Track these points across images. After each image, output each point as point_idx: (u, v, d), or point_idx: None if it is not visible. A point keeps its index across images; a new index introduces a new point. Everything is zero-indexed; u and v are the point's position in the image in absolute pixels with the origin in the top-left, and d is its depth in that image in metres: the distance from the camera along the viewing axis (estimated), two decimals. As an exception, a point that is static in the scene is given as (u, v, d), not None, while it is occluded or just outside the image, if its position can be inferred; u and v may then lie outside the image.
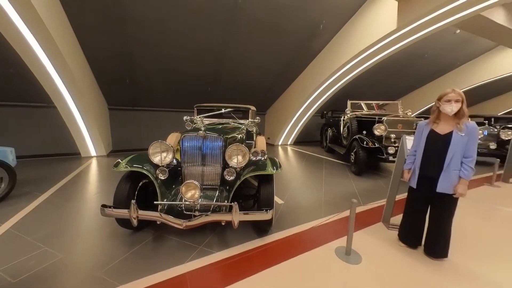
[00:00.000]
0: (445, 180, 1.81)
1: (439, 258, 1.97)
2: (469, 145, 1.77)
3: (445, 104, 1.81)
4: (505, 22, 5.42)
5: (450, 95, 1.79)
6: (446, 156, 1.80)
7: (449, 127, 1.83)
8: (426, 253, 2.03)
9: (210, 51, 5.21)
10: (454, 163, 1.79)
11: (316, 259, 1.95)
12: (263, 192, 2.13)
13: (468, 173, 1.78)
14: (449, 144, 1.79)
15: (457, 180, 1.80)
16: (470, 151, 1.78)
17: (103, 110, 5.94)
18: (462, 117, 1.78)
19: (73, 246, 2.06)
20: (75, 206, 2.88)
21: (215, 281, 1.68)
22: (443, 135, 1.84)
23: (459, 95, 1.78)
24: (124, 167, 2.09)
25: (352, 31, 5.09)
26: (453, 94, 1.78)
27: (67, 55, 3.70)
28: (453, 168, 1.79)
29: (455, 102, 1.77)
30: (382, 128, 4.57)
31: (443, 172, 1.81)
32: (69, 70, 3.84)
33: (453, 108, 1.78)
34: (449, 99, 1.79)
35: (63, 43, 3.58)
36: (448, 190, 1.81)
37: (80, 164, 4.94)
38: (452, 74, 9.19)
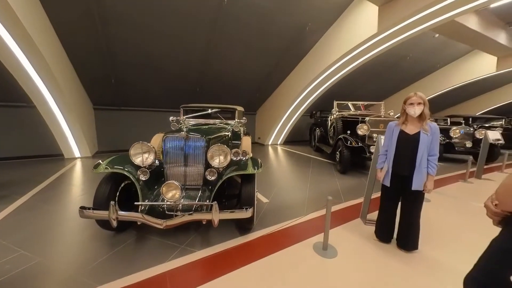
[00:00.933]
0: (418, 178, 1.93)
1: (411, 250, 2.10)
2: (433, 144, 1.92)
3: (409, 106, 1.95)
4: (478, 28, 5.76)
5: (412, 98, 1.93)
6: (417, 155, 1.93)
7: (416, 128, 1.97)
8: (399, 246, 2.15)
9: (197, 51, 5.21)
10: (424, 161, 1.93)
11: (295, 255, 2.03)
12: (244, 191, 2.18)
13: (434, 170, 1.93)
14: (418, 144, 1.92)
15: (425, 177, 1.94)
16: (435, 150, 1.92)
17: (88, 110, 5.80)
18: (424, 118, 1.92)
19: (51, 249, 2.03)
20: (55, 209, 2.83)
21: (195, 278, 1.72)
22: (412, 135, 1.97)
23: (421, 98, 1.90)
24: (104, 168, 2.08)
25: (337, 34, 5.25)
26: (415, 98, 1.92)
27: (46, 53, 3.60)
28: (423, 166, 1.93)
29: (417, 105, 1.90)
30: (365, 128, 4.74)
31: (416, 171, 1.93)
32: (48, 68, 3.73)
33: (416, 111, 1.91)
34: (412, 102, 1.93)
35: (42, 41, 3.48)
36: (421, 187, 1.94)
37: (63, 166, 4.81)
38: (433, 76, 9.63)
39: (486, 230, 2.54)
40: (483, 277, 0.98)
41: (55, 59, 3.99)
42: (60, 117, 4.69)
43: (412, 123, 1.99)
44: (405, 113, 2.00)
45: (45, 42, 3.63)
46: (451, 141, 6.26)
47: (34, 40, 3.25)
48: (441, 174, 4.88)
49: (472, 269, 1.05)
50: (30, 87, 4.04)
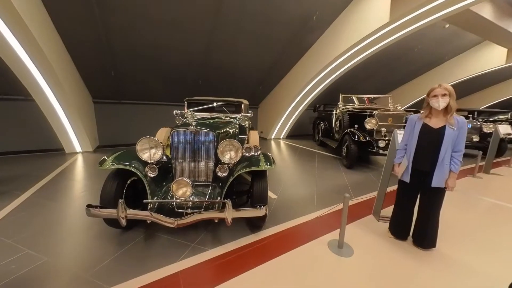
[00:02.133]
0: (439, 174, 1.84)
1: (428, 248, 2.03)
2: (459, 139, 1.81)
3: (432, 99, 1.83)
4: (492, 18, 5.54)
5: (436, 90, 1.81)
6: (440, 150, 1.81)
7: (441, 122, 1.84)
8: (415, 244, 2.09)
9: (200, 41, 5.00)
10: (447, 157, 1.82)
11: (309, 253, 1.97)
12: (256, 188, 2.10)
13: (458, 166, 1.83)
14: (442, 139, 1.81)
15: (448, 174, 1.84)
16: (460, 145, 1.81)
17: (87, 104, 5.65)
18: (450, 111, 1.80)
19: (58, 248, 1.96)
20: (59, 206, 2.75)
21: (209, 279, 1.66)
22: (437, 129, 1.85)
23: (446, 89, 1.78)
24: (110, 164, 1.99)
25: (345, 24, 5.03)
26: (439, 89, 1.79)
27: (44, 45, 3.43)
28: (446, 162, 1.82)
29: (441, 97, 1.78)
30: (373, 122, 4.63)
31: (437, 167, 1.83)
32: (47, 60, 3.57)
33: (440, 103, 1.79)
34: (435, 94, 1.81)
35: (39, 32, 3.31)
36: (441, 184, 1.85)
37: (64, 161, 4.72)
38: (440, 68, 9.41)
39: (500, 227, 2.50)
40: None
41: (53, 50, 3.81)
42: (60, 111, 4.55)
43: (437, 116, 1.87)
44: (429, 106, 1.89)
45: (43, 34, 3.45)
46: (458, 135, 6.15)
47: (32, 31, 3.08)
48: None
49: None
50: (28, 80, 3.88)
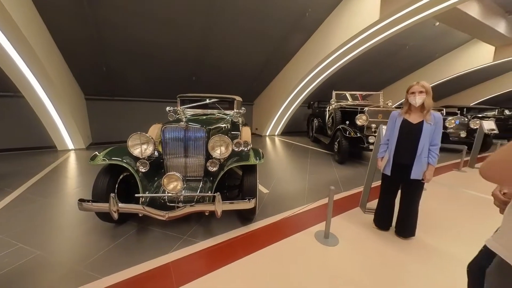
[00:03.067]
0: (417, 167, 1.95)
1: (408, 237, 2.16)
2: (435, 134, 1.92)
3: (410, 96, 1.93)
4: (479, 16, 5.68)
5: (414, 87, 1.90)
6: (418, 144, 1.93)
7: (419, 118, 1.95)
8: (397, 234, 2.21)
9: (193, 37, 4.99)
10: (425, 151, 1.93)
11: (297, 243, 2.06)
12: (246, 182, 2.17)
13: (435, 159, 1.94)
14: (421, 133, 1.91)
15: (426, 167, 1.95)
16: (436, 139, 1.92)
17: (79, 100, 5.58)
18: (426, 108, 1.90)
19: (51, 242, 2.00)
20: (52, 202, 2.77)
21: (199, 268, 1.73)
22: (415, 124, 1.96)
23: (423, 87, 1.87)
24: (101, 160, 2.02)
25: (337, 21, 5.09)
26: (416, 87, 1.88)
27: (32, 39, 3.38)
28: (424, 156, 1.94)
29: (419, 94, 1.88)
30: (363, 118, 4.73)
31: (416, 160, 1.94)
32: (36, 55, 3.53)
33: (417, 100, 1.89)
34: (413, 91, 1.90)
35: (27, 26, 3.26)
36: (419, 176, 1.97)
37: (57, 158, 4.69)
38: (431, 65, 9.60)
39: (481, 218, 2.65)
40: (487, 263, 1.00)
41: (42, 45, 3.75)
42: (51, 107, 4.50)
43: (415, 113, 1.98)
44: (408, 102, 1.98)
45: (31, 28, 3.39)
46: (446, 131, 6.35)
47: (19, 26, 3.03)
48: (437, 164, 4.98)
49: (476, 255, 1.07)
50: (16, 75, 3.83)
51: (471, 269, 1.07)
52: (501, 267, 0.77)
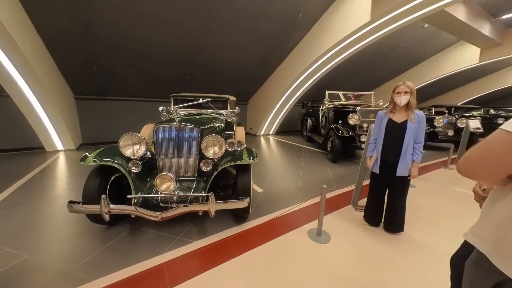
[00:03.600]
0: (402, 164, 2.02)
1: (396, 232, 2.22)
2: (419, 132, 1.99)
3: (396, 95, 2.00)
4: (465, 19, 5.88)
5: (400, 87, 1.97)
6: (403, 142, 2.00)
7: (403, 117, 2.02)
8: (386, 229, 2.27)
9: (187, 36, 4.95)
10: (409, 149, 2.00)
11: (290, 241, 2.09)
12: (240, 181, 2.18)
13: (420, 156, 2.01)
14: (405, 132, 1.99)
15: (411, 164, 2.03)
16: (420, 137, 2.00)
17: (69, 100, 5.44)
18: (411, 108, 1.97)
19: (40, 245, 1.95)
20: (41, 205, 2.69)
21: (193, 268, 1.73)
22: (400, 123, 2.03)
23: (408, 87, 1.94)
24: (92, 160, 1.98)
25: (329, 22, 5.16)
26: (402, 87, 1.95)
27: (17, 36, 3.27)
28: (408, 153, 2.01)
29: (404, 94, 1.95)
30: (355, 118, 4.82)
31: (401, 158, 2.01)
32: (21, 53, 3.42)
33: (402, 100, 1.96)
34: (399, 91, 1.97)
35: (12, 23, 3.16)
36: (405, 173, 2.04)
37: (45, 159, 4.55)
38: (421, 66, 9.87)
39: (466, 213, 2.75)
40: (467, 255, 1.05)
41: (28, 42, 3.64)
42: (38, 107, 4.37)
43: (400, 112, 2.05)
44: (393, 101, 2.04)
45: (16, 24, 3.29)
46: (435, 130, 6.55)
47: (3, 22, 2.93)
48: (425, 162, 5.13)
49: (458, 249, 1.12)
50: (1, 74, 3.69)
51: (453, 261, 1.12)
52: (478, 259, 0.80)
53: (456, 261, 1.10)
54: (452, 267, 1.12)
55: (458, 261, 1.09)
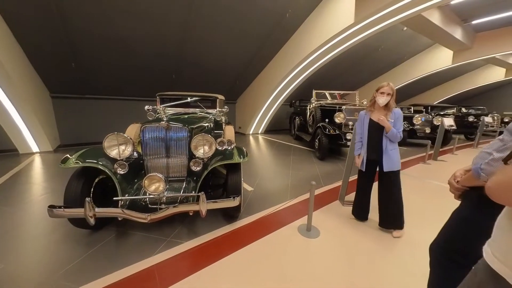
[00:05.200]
0: (387, 160, 2.10)
1: (392, 229, 2.19)
2: (397, 126, 2.07)
3: (379, 95, 2.07)
4: (439, 23, 6.29)
5: (384, 88, 2.04)
6: (382, 140, 2.09)
7: (382, 115, 2.10)
8: (381, 226, 2.25)
9: (173, 32, 4.82)
10: (390, 145, 2.10)
11: (281, 238, 2.13)
12: (230, 180, 2.18)
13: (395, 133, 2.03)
14: (383, 130, 2.07)
15: (395, 157, 2.08)
16: (397, 127, 2.07)
17: (44, 99, 5.09)
18: (390, 108, 2.07)
19: (16, 254, 1.82)
20: (15, 211, 2.50)
21: (184, 269, 1.71)
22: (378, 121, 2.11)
23: (391, 89, 2.03)
24: (74, 162, 1.88)
25: (315, 23, 5.28)
26: (387, 88, 2.03)
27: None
28: (390, 149, 2.09)
29: (386, 95, 2.03)
30: (341, 116, 4.99)
31: (384, 155, 2.09)
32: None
33: (383, 100, 2.05)
34: (382, 92, 2.05)
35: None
36: (392, 167, 2.09)
37: (18, 162, 4.23)
38: (401, 67, 10.41)
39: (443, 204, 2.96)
40: (445, 243, 1.15)
41: (-4, 36, 3.35)
42: (9, 106, 4.04)
43: (379, 111, 2.13)
44: (374, 100, 2.13)
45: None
46: (414, 128, 6.96)
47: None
48: (405, 158, 5.44)
49: (436, 237, 1.22)
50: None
51: (431, 249, 1.22)
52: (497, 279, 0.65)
53: (434, 248, 1.19)
54: (431, 254, 1.22)
55: (436, 249, 1.18)
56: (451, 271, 1.10)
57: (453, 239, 1.11)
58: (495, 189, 0.62)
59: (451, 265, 1.10)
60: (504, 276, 0.62)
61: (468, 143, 8.23)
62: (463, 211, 1.08)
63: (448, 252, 1.11)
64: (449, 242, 1.13)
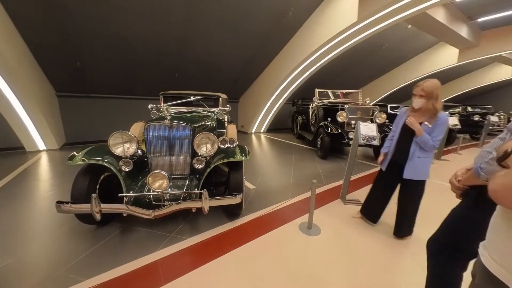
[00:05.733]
0: (410, 167, 1.88)
1: (404, 237, 2.12)
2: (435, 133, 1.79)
3: (413, 97, 1.85)
4: (444, 21, 6.20)
5: (415, 89, 1.81)
6: (411, 145, 1.86)
7: (419, 119, 1.85)
8: (395, 235, 2.15)
9: (176, 31, 4.85)
10: (417, 152, 1.85)
11: (282, 235, 2.16)
12: (232, 178, 2.21)
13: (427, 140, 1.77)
14: (414, 134, 1.83)
15: (420, 166, 1.86)
16: (434, 134, 1.79)
17: (50, 97, 5.18)
18: (428, 112, 1.79)
19: (25, 249, 1.89)
20: (23, 206, 2.58)
21: (187, 264, 1.75)
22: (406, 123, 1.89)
23: (423, 90, 1.76)
24: (80, 160, 1.93)
25: (318, 21, 5.25)
26: (417, 89, 1.80)
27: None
28: (417, 156, 1.85)
29: (418, 97, 1.79)
30: (344, 115, 4.98)
31: (409, 160, 1.88)
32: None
33: (417, 103, 1.81)
34: (414, 93, 1.83)
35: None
36: (413, 176, 1.89)
37: (26, 160, 4.33)
38: (405, 65, 10.28)
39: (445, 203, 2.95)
40: (442, 237, 1.16)
41: (4, 36, 3.43)
42: (17, 105, 4.13)
43: (418, 113, 1.88)
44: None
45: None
46: (417, 127, 6.89)
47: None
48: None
49: (434, 233, 1.23)
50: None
51: (428, 245, 1.23)
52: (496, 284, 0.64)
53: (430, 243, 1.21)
54: (428, 249, 1.24)
55: (432, 243, 1.20)
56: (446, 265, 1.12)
57: (449, 234, 1.12)
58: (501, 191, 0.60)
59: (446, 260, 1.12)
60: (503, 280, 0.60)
61: (473, 142, 8.13)
62: (461, 209, 1.10)
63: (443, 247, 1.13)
64: (445, 237, 1.14)
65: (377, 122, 4.91)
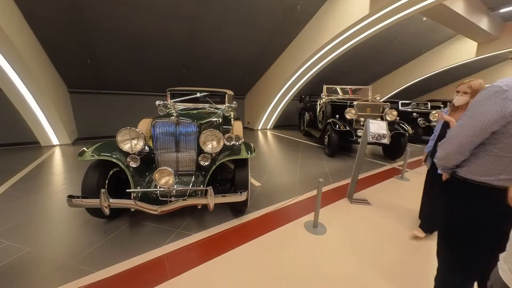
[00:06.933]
0: None
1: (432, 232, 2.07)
2: None
3: (455, 94, 1.77)
4: (464, 12, 5.85)
5: (460, 86, 1.73)
6: None
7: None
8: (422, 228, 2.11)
9: (183, 29, 4.84)
10: None
11: (287, 233, 2.15)
12: (238, 175, 2.21)
13: None
14: None
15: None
16: None
17: (62, 93, 5.34)
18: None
19: (40, 239, 1.97)
20: (39, 199, 2.70)
21: (192, 259, 1.78)
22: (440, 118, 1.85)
23: (469, 87, 1.67)
24: (90, 155, 1.98)
25: (327, 15, 5.09)
26: (462, 86, 1.71)
27: (8, 28, 3.18)
28: None
29: (462, 94, 1.70)
30: (352, 112, 4.86)
31: None
32: (12, 45, 3.32)
33: (458, 100, 1.73)
34: (458, 90, 1.74)
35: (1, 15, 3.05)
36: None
37: (41, 154, 4.51)
38: (419, 60, 9.85)
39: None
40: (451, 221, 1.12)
41: (19, 34, 3.53)
42: (32, 101, 4.29)
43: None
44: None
45: (6, 17, 3.19)
46: (430, 125, 6.64)
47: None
48: (418, 156, 5.23)
49: None
50: (-9, 67, 3.60)
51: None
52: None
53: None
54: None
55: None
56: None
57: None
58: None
59: None
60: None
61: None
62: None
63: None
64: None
65: (388, 119, 4.77)
